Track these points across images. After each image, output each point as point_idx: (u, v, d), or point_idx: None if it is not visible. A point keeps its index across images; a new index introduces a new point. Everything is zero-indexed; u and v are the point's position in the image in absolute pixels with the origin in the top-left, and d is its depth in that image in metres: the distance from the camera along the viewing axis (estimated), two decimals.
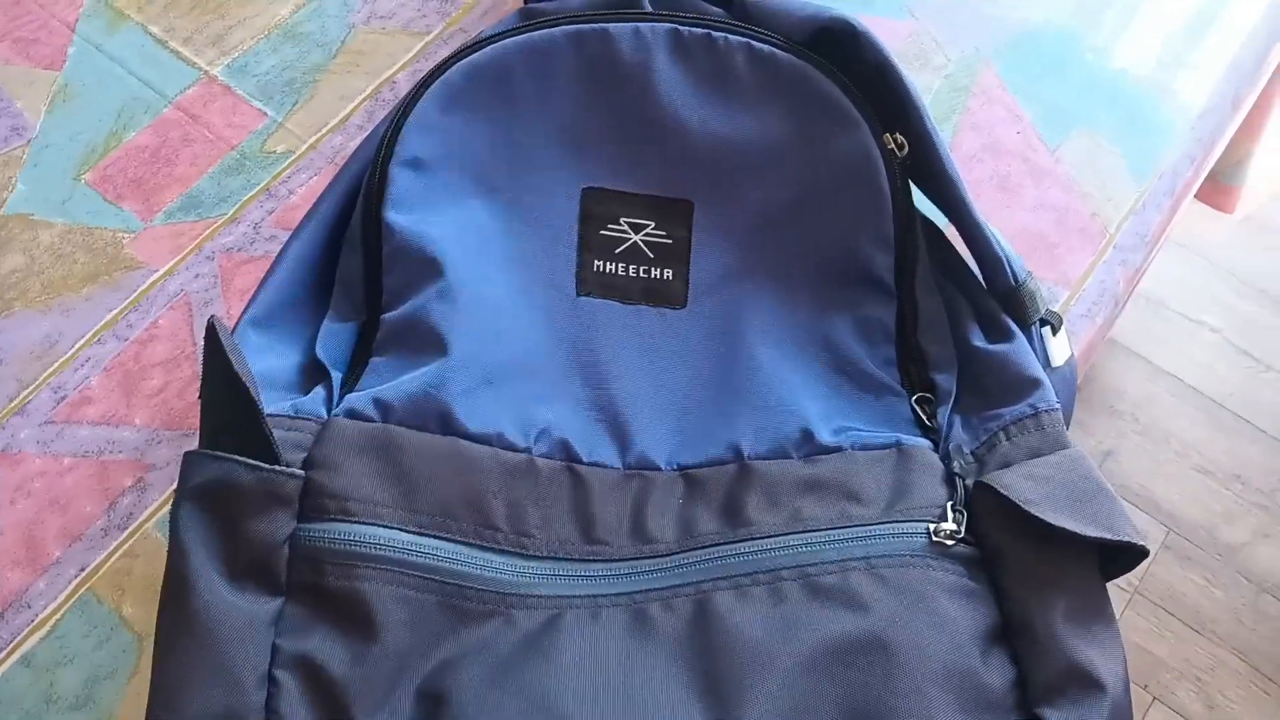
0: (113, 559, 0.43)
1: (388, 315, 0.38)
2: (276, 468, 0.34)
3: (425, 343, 0.37)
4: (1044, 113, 0.53)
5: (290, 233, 0.40)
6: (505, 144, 0.40)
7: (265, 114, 0.53)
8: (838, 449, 0.37)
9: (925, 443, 0.38)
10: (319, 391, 0.37)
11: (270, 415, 0.35)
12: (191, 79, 0.54)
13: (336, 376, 0.37)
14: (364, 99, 0.54)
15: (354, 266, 0.39)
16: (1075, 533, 0.33)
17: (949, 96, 0.54)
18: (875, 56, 0.40)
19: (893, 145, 0.40)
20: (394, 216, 0.38)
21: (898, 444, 0.38)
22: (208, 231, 0.50)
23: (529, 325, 0.39)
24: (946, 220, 0.41)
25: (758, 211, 0.41)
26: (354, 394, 0.37)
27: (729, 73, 0.40)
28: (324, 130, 0.53)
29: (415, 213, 0.38)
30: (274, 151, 0.52)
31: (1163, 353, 1.08)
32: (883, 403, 0.39)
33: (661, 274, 0.40)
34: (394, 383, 0.36)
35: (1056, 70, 0.54)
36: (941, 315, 0.40)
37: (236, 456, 0.33)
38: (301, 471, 0.34)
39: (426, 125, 0.39)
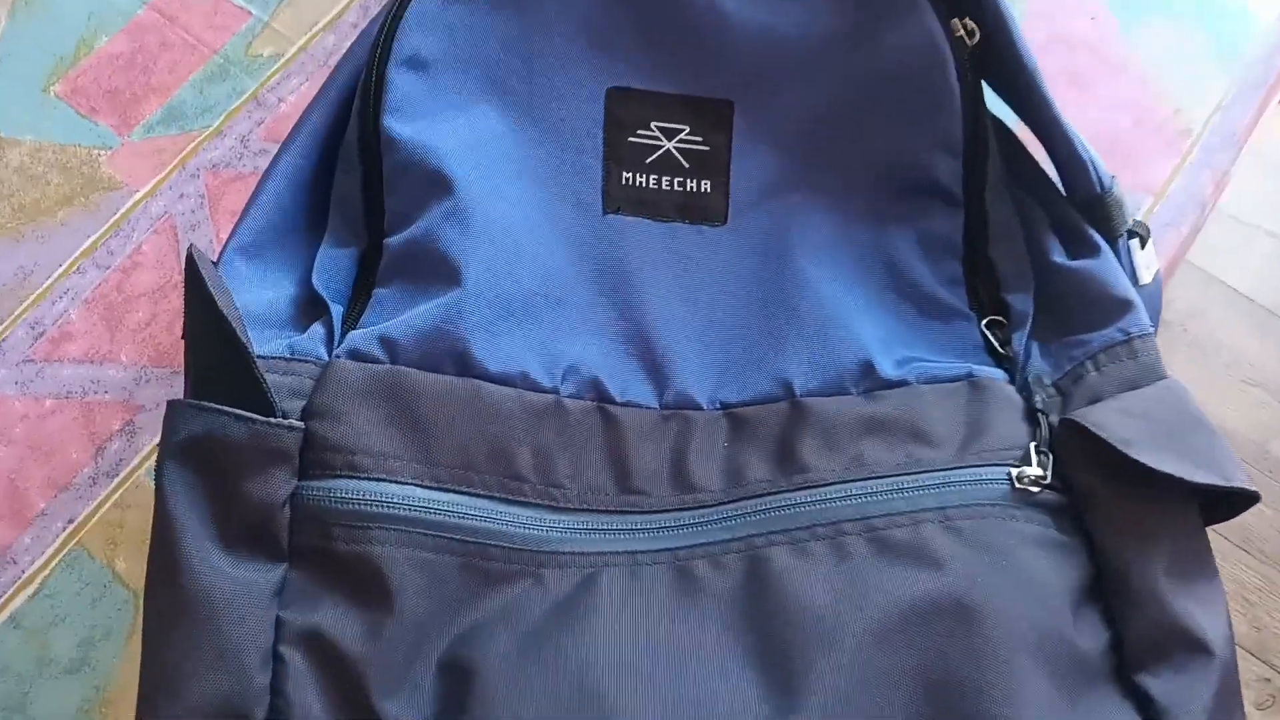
0: (103, 510, 0.40)
1: (391, 240, 0.34)
2: (272, 419, 0.30)
3: (435, 271, 0.33)
4: None
5: (279, 146, 0.35)
6: (518, 39, 0.35)
7: (249, 13, 0.48)
8: (902, 383, 0.34)
9: (1000, 374, 0.34)
10: (317, 329, 0.33)
11: (263, 358, 0.31)
12: None
13: (337, 311, 0.33)
14: None
15: (351, 184, 0.35)
16: (1182, 478, 0.29)
17: None
18: None
19: (961, 32, 0.35)
20: (394, 125, 0.34)
21: (969, 376, 0.34)
22: (191, 146, 0.46)
23: (551, 248, 0.35)
24: (1018, 120, 0.37)
25: (806, 113, 0.36)
26: (357, 331, 0.32)
27: None
28: (315, 30, 0.48)
29: (418, 120, 0.34)
30: (260, 55, 0.47)
31: (1215, 260, 1.02)
32: (950, 328, 0.36)
33: (698, 186, 0.36)
34: (402, 318, 0.32)
35: None
36: (1015, 227, 0.36)
37: (225, 407, 0.29)
38: (300, 422, 0.30)
39: (427, 19, 0.34)
